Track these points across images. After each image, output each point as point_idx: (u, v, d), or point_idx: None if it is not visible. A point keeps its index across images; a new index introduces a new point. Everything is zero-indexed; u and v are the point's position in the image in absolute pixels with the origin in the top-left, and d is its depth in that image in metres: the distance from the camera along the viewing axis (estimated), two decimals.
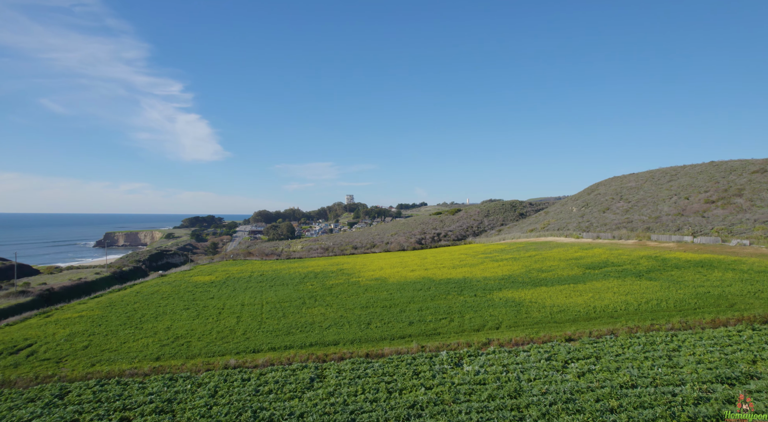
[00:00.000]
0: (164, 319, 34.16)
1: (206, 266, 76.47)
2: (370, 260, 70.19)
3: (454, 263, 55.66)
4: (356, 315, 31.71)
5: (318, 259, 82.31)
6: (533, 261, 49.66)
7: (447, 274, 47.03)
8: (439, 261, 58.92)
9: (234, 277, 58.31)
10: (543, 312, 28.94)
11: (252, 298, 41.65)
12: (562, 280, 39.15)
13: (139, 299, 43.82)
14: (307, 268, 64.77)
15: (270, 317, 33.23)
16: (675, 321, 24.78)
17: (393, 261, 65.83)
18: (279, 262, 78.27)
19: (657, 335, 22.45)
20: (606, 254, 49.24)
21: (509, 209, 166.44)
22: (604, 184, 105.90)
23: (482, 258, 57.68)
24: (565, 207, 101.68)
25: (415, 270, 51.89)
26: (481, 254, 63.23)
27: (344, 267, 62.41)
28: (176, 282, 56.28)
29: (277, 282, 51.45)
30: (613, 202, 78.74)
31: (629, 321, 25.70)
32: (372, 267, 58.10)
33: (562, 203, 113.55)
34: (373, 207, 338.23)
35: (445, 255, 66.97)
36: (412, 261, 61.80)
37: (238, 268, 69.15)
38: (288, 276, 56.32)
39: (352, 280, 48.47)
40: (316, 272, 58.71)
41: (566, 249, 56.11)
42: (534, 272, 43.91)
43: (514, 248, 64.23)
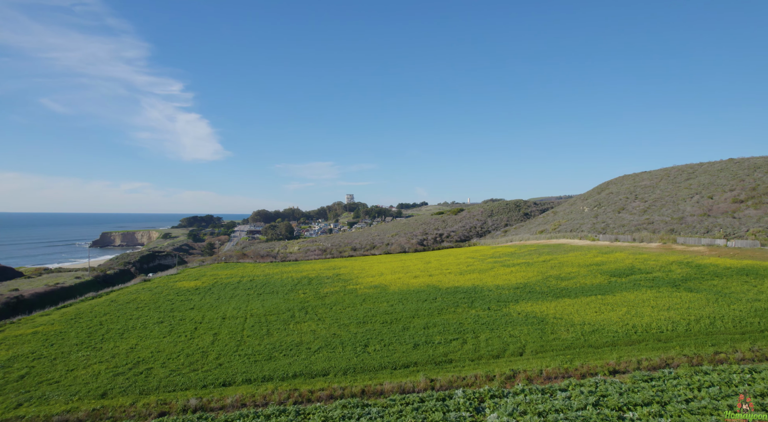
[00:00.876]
0: (131, 336, 29.57)
1: (195, 269, 71.90)
2: (369, 264, 65.57)
3: (461, 268, 51.03)
4: (351, 334, 27.11)
5: (314, 262, 77.71)
6: (549, 267, 45.01)
7: (454, 281, 42.42)
8: (445, 266, 54.29)
9: (221, 283, 53.75)
10: (573, 332, 24.32)
11: (236, 309, 37.05)
12: (587, 290, 34.50)
13: (111, 310, 39.23)
14: (301, 273, 60.18)
15: (252, 334, 28.63)
16: (744, 348, 20.13)
17: (394, 265, 61.21)
18: (272, 266, 73.68)
19: (730, 369, 17.81)
20: (630, 259, 44.59)
21: (513, 209, 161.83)
22: (615, 183, 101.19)
23: (492, 263, 53.04)
24: (575, 206, 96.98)
25: (419, 276, 47.27)
26: (489, 258, 58.58)
27: (341, 272, 57.79)
28: (158, 288, 51.70)
29: (267, 289, 46.86)
30: (628, 202, 74.06)
31: (684, 346, 21.06)
32: (371, 273, 53.48)
33: (571, 203, 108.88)
34: (373, 206, 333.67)
35: (450, 259, 62.32)
36: (415, 266, 57.17)
37: (227, 272, 64.57)
38: (280, 282, 51.74)
39: (348, 288, 43.86)
40: (310, 277, 54.11)
41: (584, 253, 51.45)
42: (552, 280, 39.26)
43: (525, 251, 59.56)
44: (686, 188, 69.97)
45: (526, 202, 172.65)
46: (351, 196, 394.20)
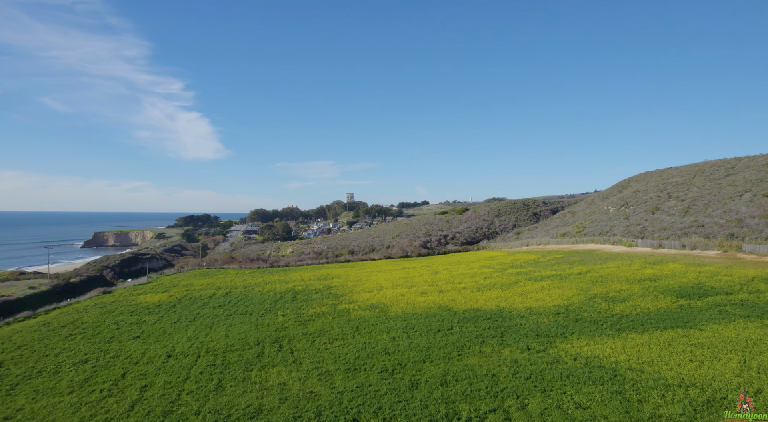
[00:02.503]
0: (24, 390, 20.96)
1: (169, 277, 63.31)
2: (366, 273, 56.88)
3: (478, 281, 42.27)
4: (335, 394, 18.46)
5: (306, 269, 69.07)
6: (590, 283, 36.20)
7: (472, 301, 33.69)
8: (456, 278, 45.56)
9: (191, 297, 45.17)
10: (676, 404, 15.59)
11: (191, 341, 28.43)
12: (655, 319, 25.73)
13: (32, 339, 30.59)
14: (287, 284, 51.54)
15: (195, 390, 19.99)
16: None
17: (396, 275, 52.51)
18: (258, 273, 65.06)
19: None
20: (691, 272, 35.82)
21: (521, 208, 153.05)
22: (638, 180, 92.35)
23: (514, 275, 44.27)
24: (594, 206, 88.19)
25: (426, 292, 38.55)
26: (509, 267, 49.81)
27: (334, 283, 49.13)
28: (114, 303, 43.13)
29: (241, 307, 38.21)
30: (662, 201, 65.38)
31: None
32: (368, 286, 44.80)
33: (588, 202, 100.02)
34: (373, 205, 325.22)
35: (462, 268, 53.51)
36: (421, 277, 48.45)
37: (203, 282, 55.95)
38: (259, 297, 43.11)
39: (340, 308, 35.19)
40: (296, 291, 45.48)
41: (626, 263, 42.68)
42: (600, 301, 30.50)
43: (550, 259, 50.79)
44: (730, 185, 61.23)
45: (535, 200, 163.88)
46: (351, 195, 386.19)
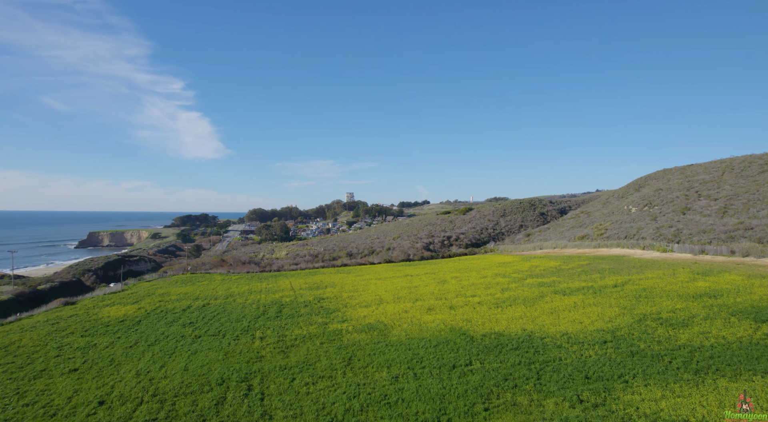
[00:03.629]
0: None
1: (147, 284, 57.22)
2: (364, 281, 50.75)
3: (494, 294, 36.06)
4: None
5: (298, 275, 62.98)
6: (634, 298, 29.97)
7: (491, 321, 27.53)
8: (468, 289, 39.37)
9: (163, 310, 39.10)
10: None
11: (140, 376, 22.34)
12: (743, 355, 19.55)
13: None
14: (275, 293, 45.47)
15: None
16: None
17: (397, 284, 46.38)
18: (245, 279, 58.95)
19: None
20: (758, 287, 29.60)
21: (528, 208, 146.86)
22: (656, 178, 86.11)
23: (536, 286, 38.06)
24: (610, 205, 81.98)
25: (434, 308, 32.38)
26: (527, 275, 43.61)
27: (327, 293, 43.01)
28: (70, 319, 37.05)
29: (214, 326, 32.10)
30: (691, 200, 59.25)
31: None
32: (366, 299, 38.65)
33: (602, 201, 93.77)
34: (373, 205, 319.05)
35: (473, 276, 47.28)
36: (426, 287, 42.29)
37: (182, 291, 49.87)
38: (239, 311, 37.01)
39: (330, 329, 29.05)
40: (283, 303, 39.39)
41: (668, 272, 36.52)
42: (654, 325, 24.30)
43: (575, 266, 44.58)
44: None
45: (541, 200, 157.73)
46: (351, 195, 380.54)
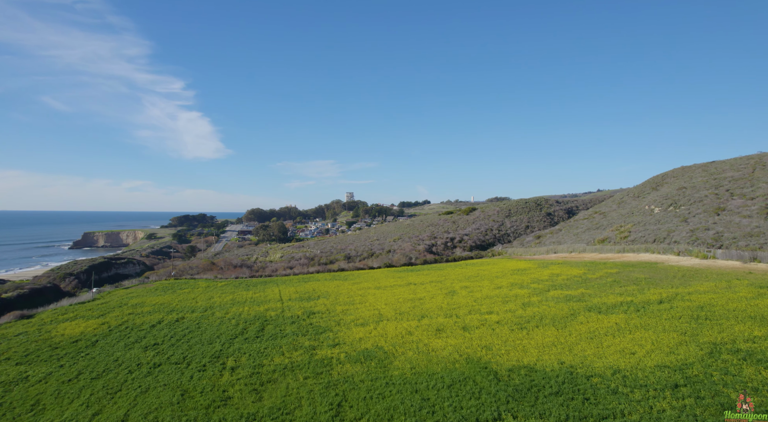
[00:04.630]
0: None
1: (124, 291, 51.84)
2: (362, 290, 45.32)
3: (514, 310, 30.51)
4: None
5: (290, 281, 57.57)
6: (692, 321, 24.41)
7: (516, 349, 22.05)
8: (482, 303, 33.87)
9: (129, 326, 33.71)
10: None
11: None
12: None
13: None
14: (260, 305, 40.08)
15: None
16: None
17: (399, 295, 40.96)
18: (231, 287, 53.55)
19: None
20: None
21: (534, 208, 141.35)
22: (674, 176, 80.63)
23: (563, 300, 32.54)
24: (627, 205, 76.48)
25: (444, 329, 26.86)
26: (549, 285, 38.11)
27: (318, 306, 37.57)
28: (15, 338, 31.67)
29: (180, 350, 26.66)
30: (724, 200, 53.82)
31: None
32: (363, 314, 33.17)
33: (617, 201, 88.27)
34: (373, 205, 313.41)
35: (485, 285, 41.71)
36: (433, 300, 36.82)
37: (158, 301, 44.49)
38: (215, 328, 31.60)
39: (318, 356, 23.59)
40: (267, 318, 33.96)
41: (722, 285, 31.03)
42: (737, 362, 18.80)
43: (603, 275, 39.05)
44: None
45: (547, 200, 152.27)
46: (351, 195, 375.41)
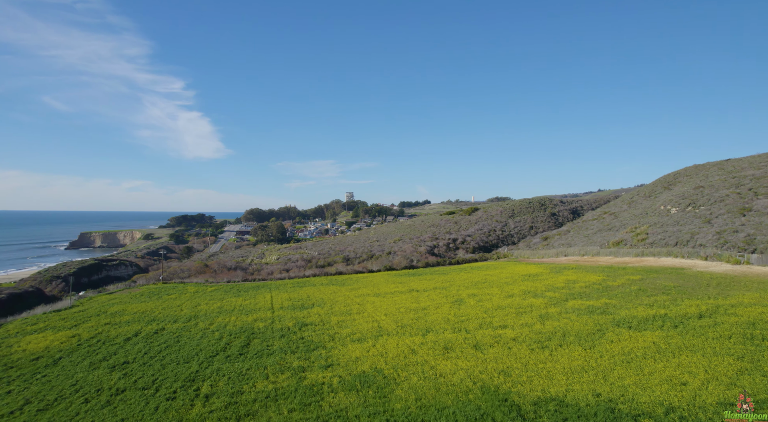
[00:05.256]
0: None
1: (106, 297, 48.45)
2: (360, 298, 41.92)
3: (533, 326, 26.99)
4: None
5: (284, 286, 54.17)
6: (747, 341, 20.94)
7: (540, 375, 18.67)
8: (494, 315, 30.40)
9: (100, 340, 30.31)
10: None
11: None
12: None
13: None
14: (249, 314, 36.67)
15: None
16: None
17: (400, 303, 37.55)
18: (220, 293, 50.15)
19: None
20: None
21: (538, 208, 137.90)
22: (688, 175, 77.22)
23: (585, 313, 29.07)
24: (639, 205, 73.04)
25: (453, 347, 23.39)
26: (566, 294, 34.63)
27: (312, 316, 34.15)
28: None
29: (152, 371, 23.22)
30: (748, 199, 50.44)
31: None
32: (360, 326, 29.73)
33: (627, 200, 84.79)
34: (373, 205, 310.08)
35: (495, 293, 38.24)
36: (438, 311, 33.36)
37: (140, 308, 41.10)
38: (195, 343, 28.17)
39: (307, 381, 20.15)
40: (254, 330, 30.57)
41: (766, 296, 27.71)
42: None
43: (625, 283, 35.54)
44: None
45: (551, 199, 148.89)
46: (351, 194, 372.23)
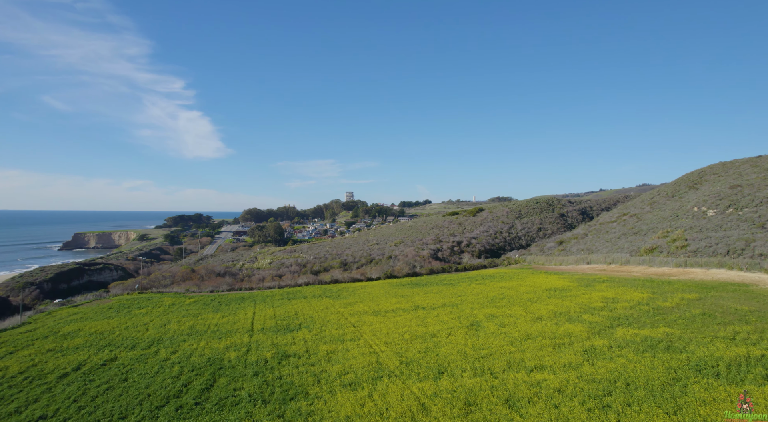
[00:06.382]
0: None
1: (67, 310, 42.42)
2: (356, 317, 35.85)
3: (580, 368, 20.75)
4: None
5: (271, 298, 48.12)
6: None
7: None
8: (524, 348, 24.25)
9: (29, 376, 24.30)
10: None
11: None
12: None
13: None
14: (221, 340, 30.66)
15: None
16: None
17: (404, 326, 31.49)
18: (198, 306, 44.12)
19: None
20: None
21: (545, 209, 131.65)
22: (715, 173, 71.14)
23: (647, 351, 22.83)
24: (662, 206, 66.98)
25: (477, 401, 17.27)
26: (609, 318, 28.48)
27: (296, 344, 28.09)
28: None
29: None
30: None
31: None
32: (354, 362, 23.59)
33: (648, 201, 78.59)
34: (373, 205, 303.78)
35: (518, 314, 32.03)
36: (451, 340, 27.23)
37: (97, 328, 35.10)
38: (146, 381, 22.12)
39: None
40: (222, 365, 24.52)
41: None
42: None
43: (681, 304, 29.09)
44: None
45: (560, 199, 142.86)
46: (351, 194, 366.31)
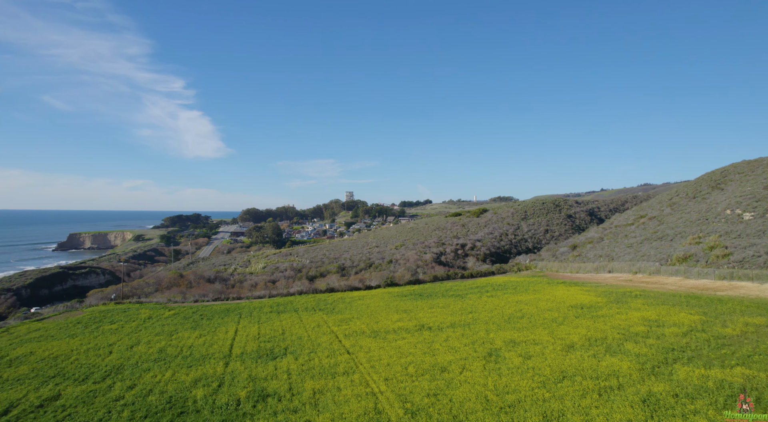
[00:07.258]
0: None
1: (28, 326, 37.59)
2: (351, 341, 31.01)
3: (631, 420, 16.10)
4: None
5: (258, 311, 43.30)
6: None
7: None
8: (561, 393, 19.39)
9: None
10: None
11: None
12: None
13: None
14: (191, 368, 25.85)
15: None
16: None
17: (407, 355, 26.69)
18: (176, 321, 39.30)
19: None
20: None
21: (552, 209, 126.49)
22: (741, 172, 66.29)
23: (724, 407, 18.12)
24: (684, 208, 62.12)
25: None
26: (658, 347, 23.61)
27: (277, 381, 23.26)
28: None
29: None
30: None
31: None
32: (347, 408, 18.82)
33: (667, 202, 73.72)
34: (373, 205, 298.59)
35: (544, 340, 27.07)
36: (466, 377, 22.35)
37: (52, 350, 30.32)
38: None
39: None
40: (185, 405, 19.73)
41: None
42: None
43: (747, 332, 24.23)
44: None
45: (566, 200, 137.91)
46: (350, 194, 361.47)
